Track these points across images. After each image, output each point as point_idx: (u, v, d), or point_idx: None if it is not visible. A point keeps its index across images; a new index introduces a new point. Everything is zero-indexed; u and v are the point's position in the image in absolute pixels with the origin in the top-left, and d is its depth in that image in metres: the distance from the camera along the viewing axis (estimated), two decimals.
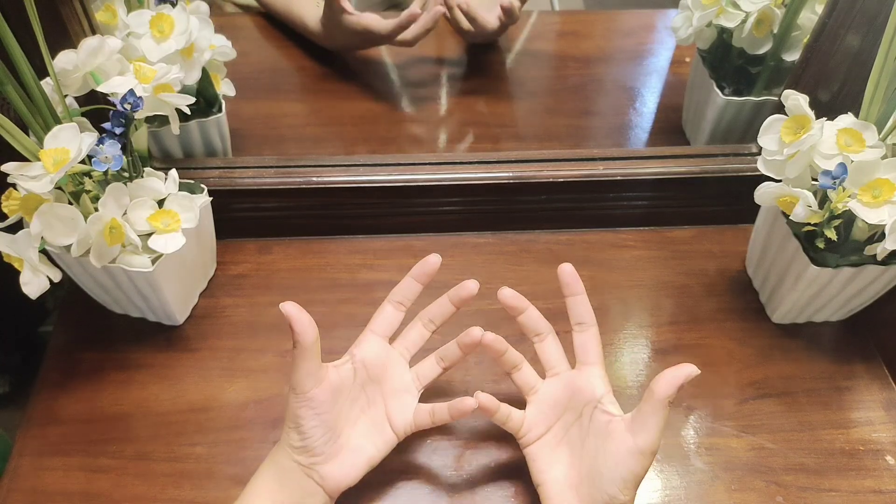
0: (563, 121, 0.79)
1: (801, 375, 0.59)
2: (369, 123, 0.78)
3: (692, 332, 0.61)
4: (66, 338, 0.60)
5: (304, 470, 0.46)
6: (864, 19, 0.54)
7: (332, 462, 0.47)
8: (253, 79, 0.81)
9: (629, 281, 0.65)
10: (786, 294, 0.58)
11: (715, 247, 0.68)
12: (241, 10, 0.93)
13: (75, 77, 0.50)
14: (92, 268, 0.51)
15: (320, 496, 0.46)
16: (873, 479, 0.53)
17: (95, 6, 0.55)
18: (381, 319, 0.51)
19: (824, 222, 0.51)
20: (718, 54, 0.68)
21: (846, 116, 0.51)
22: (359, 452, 0.48)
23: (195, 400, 0.56)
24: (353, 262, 0.66)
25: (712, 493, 0.52)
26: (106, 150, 0.47)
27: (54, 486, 0.51)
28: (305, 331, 0.44)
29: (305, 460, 0.46)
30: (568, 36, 0.91)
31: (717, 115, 0.68)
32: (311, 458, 0.46)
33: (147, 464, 0.52)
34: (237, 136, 0.71)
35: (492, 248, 0.68)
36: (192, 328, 0.60)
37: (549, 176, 0.64)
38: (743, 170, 0.65)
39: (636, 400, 0.57)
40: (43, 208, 0.47)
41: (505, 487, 0.52)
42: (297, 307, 0.45)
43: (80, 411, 0.55)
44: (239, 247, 0.66)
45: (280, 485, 0.46)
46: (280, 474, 0.46)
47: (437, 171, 0.64)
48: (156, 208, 0.52)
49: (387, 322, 0.51)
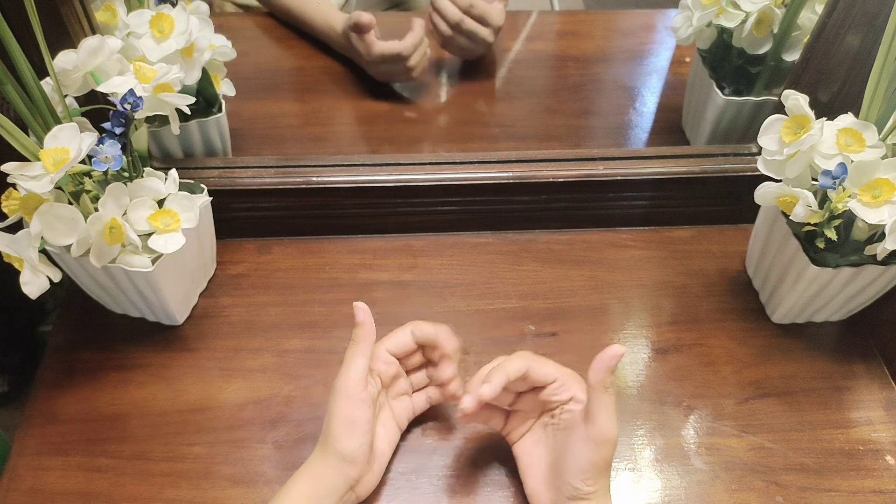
0: (562, 121, 0.79)
1: (800, 375, 0.59)
2: (369, 123, 0.78)
3: (692, 332, 0.61)
4: (66, 338, 0.60)
5: (349, 483, 0.46)
6: (864, 19, 0.54)
7: (370, 472, 0.48)
8: (253, 79, 0.81)
9: (629, 281, 0.65)
10: (786, 294, 0.58)
11: (715, 247, 0.68)
12: (241, 10, 0.93)
13: (75, 77, 0.50)
14: (92, 268, 0.50)
15: (354, 502, 0.48)
16: (873, 479, 0.53)
17: (95, 6, 0.55)
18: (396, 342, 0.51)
19: (824, 222, 0.51)
20: (718, 54, 0.68)
21: (846, 116, 0.51)
22: (382, 456, 0.50)
23: (194, 400, 0.56)
24: (352, 261, 0.66)
25: (712, 493, 0.52)
26: (106, 150, 0.47)
27: (53, 486, 0.51)
28: (371, 329, 0.48)
29: (354, 473, 0.46)
30: (568, 36, 0.91)
31: (717, 115, 0.68)
32: (358, 470, 0.46)
33: (145, 463, 0.52)
34: (237, 136, 0.71)
35: (491, 248, 0.68)
36: (191, 328, 0.60)
37: (549, 176, 0.64)
38: (743, 170, 0.65)
39: (636, 400, 0.57)
40: (43, 208, 0.47)
41: (505, 487, 0.52)
42: (366, 308, 0.49)
43: (79, 411, 0.55)
44: (238, 247, 0.66)
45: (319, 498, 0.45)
46: (318, 486, 0.46)
47: (437, 171, 0.64)
48: (156, 208, 0.52)
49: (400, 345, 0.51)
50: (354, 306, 0.49)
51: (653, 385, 0.58)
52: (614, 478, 0.52)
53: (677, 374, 0.58)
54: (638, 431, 0.55)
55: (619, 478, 0.53)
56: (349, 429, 0.46)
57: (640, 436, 0.55)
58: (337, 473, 0.46)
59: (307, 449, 0.53)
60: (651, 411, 0.56)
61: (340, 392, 0.47)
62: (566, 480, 0.45)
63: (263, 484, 0.51)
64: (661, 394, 0.57)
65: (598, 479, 0.45)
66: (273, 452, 0.53)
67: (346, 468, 0.46)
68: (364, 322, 0.49)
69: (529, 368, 0.47)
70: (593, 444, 0.44)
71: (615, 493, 0.52)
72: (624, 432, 0.55)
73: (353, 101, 0.80)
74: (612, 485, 0.52)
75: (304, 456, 0.52)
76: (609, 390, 0.44)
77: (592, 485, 0.44)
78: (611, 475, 0.47)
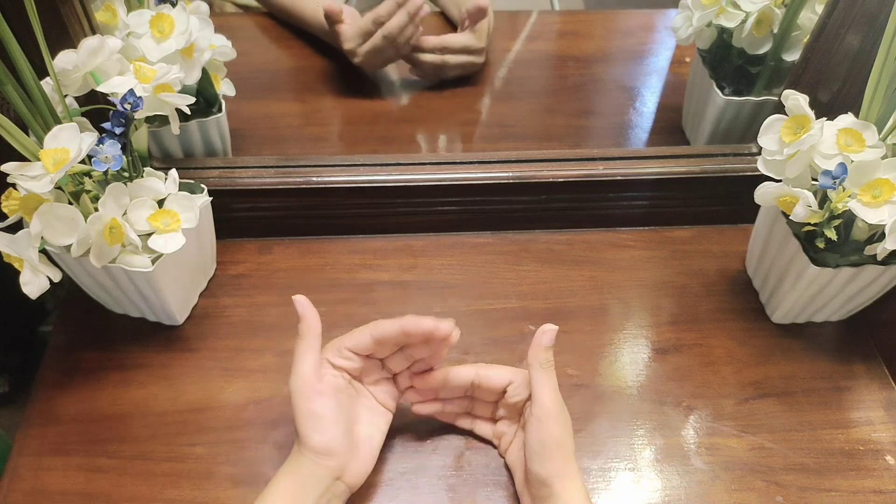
0: (562, 121, 0.79)
1: (800, 375, 0.59)
2: (369, 123, 0.78)
3: (692, 332, 0.61)
4: (66, 338, 0.60)
5: (332, 473, 0.46)
6: (864, 19, 0.54)
7: (355, 459, 0.47)
8: (253, 79, 0.81)
9: (629, 281, 0.65)
10: (786, 294, 0.58)
11: (715, 247, 0.68)
12: (241, 10, 0.93)
13: (75, 77, 0.49)
14: (92, 268, 0.50)
15: (344, 491, 0.47)
16: (873, 479, 0.53)
17: (95, 6, 0.55)
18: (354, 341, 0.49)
19: (824, 222, 0.51)
20: (718, 54, 0.68)
21: (846, 116, 0.51)
22: (370, 441, 0.49)
23: (194, 400, 0.56)
24: (352, 262, 0.66)
25: (712, 493, 0.52)
26: (106, 150, 0.47)
27: (53, 486, 0.51)
28: (315, 321, 0.47)
29: (334, 464, 0.46)
30: (568, 36, 0.91)
31: (717, 115, 0.68)
32: (338, 460, 0.46)
33: (146, 464, 0.52)
34: (237, 136, 0.71)
35: (492, 248, 0.68)
36: (191, 328, 0.60)
37: (549, 176, 0.64)
38: (743, 170, 0.65)
39: (636, 400, 0.57)
40: (43, 208, 0.47)
41: (505, 487, 0.52)
42: (307, 301, 0.48)
43: (80, 411, 0.55)
44: (239, 247, 0.66)
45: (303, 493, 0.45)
46: (301, 482, 0.45)
47: (437, 171, 0.64)
48: (156, 208, 0.52)
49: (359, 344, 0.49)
50: (294, 300, 0.48)
51: (653, 385, 0.58)
52: (614, 478, 0.52)
53: (677, 374, 0.58)
54: (638, 431, 0.55)
55: (619, 478, 0.53)
56: (314, 423, 0.45)
57: (640, 436, 0.55)
58: (316, 466, 0.45)
59: None
60: (651, 411, 0.56)
61: (295, 390, 0.46)
62: (530, 469, 0.46)
63: (264, 484, 0.51)
64: (661, 394, 0.57)
65: (553, 461, 0.45)
66: (274, 453, 0.53)
67: (325, 460, 0.45)
68: (305, 315, 0.48)
69: (477, 375, 0.50)
70: (537, 421, 0.45)
71: (615, 493, 0.52)
72: (624, 432, 0.55)
73: (353, 101, 0.80)
74: (613, 485, 0.52)
75: None
76: (547, 368, 0.46)
77: (546, 467, 0.45)
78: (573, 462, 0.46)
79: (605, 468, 0.53)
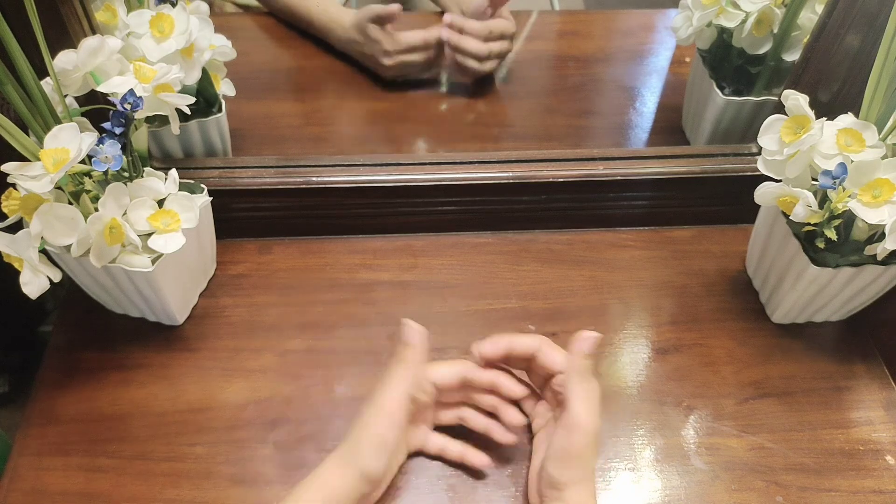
0: (562, 121, 0.79)
1: (800, 375, 0.59)
2: (369, 123, 0.78)
3: (692, 332, 0.61)
4: (66, 338, 0.60)
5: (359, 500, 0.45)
6: (864, 19, 0.54)
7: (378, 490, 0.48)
8: (253, 79, 0.81)
9: (629, 281, 0.65)
10: (786, 294, 0.58)
11: (715, 247, 0.68)
12: (241, 10, 0.93)
13: (75, 77, 0.49)
14: (92, 268, 0.50)
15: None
16: (873, 479, 0.53)
17: (95, 6, 0.55)
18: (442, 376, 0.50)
19: (824, 222, 0.51)
20: (718, 54, 0.68)
21: (846, 116, 0.51)
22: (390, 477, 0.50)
23: (194, 400, 0.56)
24: (352, 262, 0.66)
25: (712, 493, 0.52)
26: (106, 150, 0.47)
27: (53, 486, 0.51)
28: (423, 351, 0.47)
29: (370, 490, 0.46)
30: (568, 36, 0.91)
31: (717, 115, 0.68)
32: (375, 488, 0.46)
33: (146, 464, 0.52)
34: (237, 136, 0.71)
35: (492, 248, 0.68)
36: (191, 328, 0.60)
37: (549, 176, 0.64)
38: (743, 170, 0.65)
39: (636, 400, 0.57)
40: (43, 208, 0.47)
41: (505, 487, 0.52)
42: (420, 328, 0.48)
43: (80, 411, 0.55)
44: (239, 247, 0.66)
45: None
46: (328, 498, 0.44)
47: (437, 171, 0.64)
48: (156, 208, 0.52)
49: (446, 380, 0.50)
50: (405, 324, 0.48)
51: (653, 385, 0.58)
52: (614, 478, 0.52)
53: (677, 374, 0.58)
54: (638, 431, 0.55)
55: (619, 478, 0.53)
56: (380, 449, 0.45)
57: (640, 436, 0.55)
58: (353, 489, 0.45)
59: (307, 449, 0.53)
60: (651, 411, 0.56)
61: (382, 410, 0.45)
62: (543, 467, 0.46)
63: (264, 484, 0.51)
64: (661, 394, 0.57)
65: (570, 469, 0.44)
66: (274, 453, 0.53)
67: (364, 486, 0.45)
68: (416, 345, 0.47)
69: (539, 350, 0.48)
70: (564, 430, 0.44)
71: (615, 493, 0.52)
72: (624, 432, 0.55)
73: (353, 101, 0.80)
74: (613, 485, 0.52)
75: (304, 456, 0.52)
76: (587, 377, 0.45)
77: (564, 474, 0.44)
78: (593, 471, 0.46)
79: (605, 468, 0.53)
